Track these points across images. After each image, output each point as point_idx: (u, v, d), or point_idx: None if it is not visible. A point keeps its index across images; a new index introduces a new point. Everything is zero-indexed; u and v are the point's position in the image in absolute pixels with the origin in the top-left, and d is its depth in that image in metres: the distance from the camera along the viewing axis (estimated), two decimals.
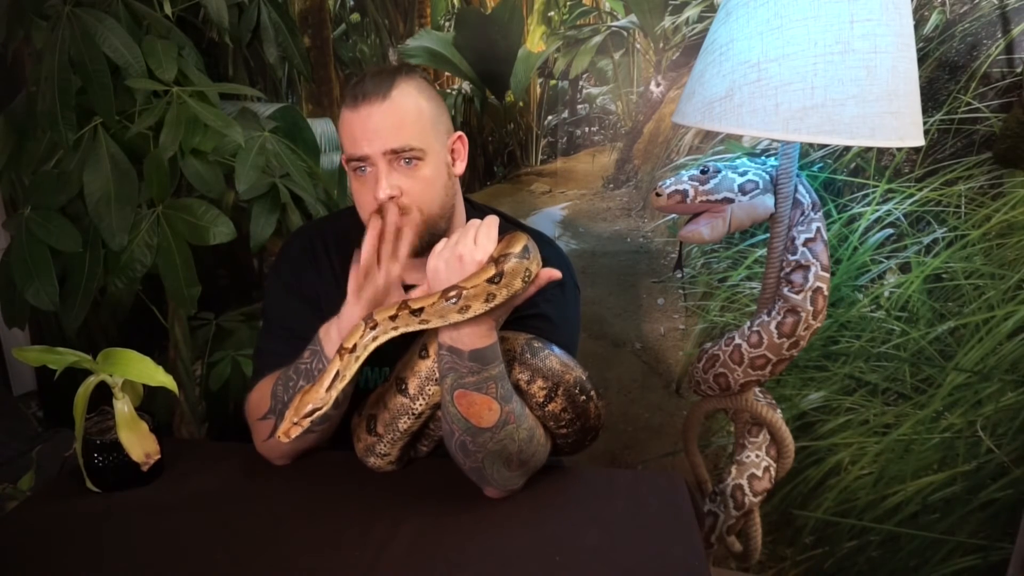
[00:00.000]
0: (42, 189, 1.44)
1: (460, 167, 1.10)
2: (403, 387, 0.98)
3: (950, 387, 1.56)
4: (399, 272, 0.97)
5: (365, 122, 1.00)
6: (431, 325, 0.88)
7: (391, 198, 1.01)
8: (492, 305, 0.86)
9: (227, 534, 0.94)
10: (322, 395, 0.85)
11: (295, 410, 0.85)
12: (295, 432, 0.84)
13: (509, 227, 1.18)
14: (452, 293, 0.85)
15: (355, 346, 0.88)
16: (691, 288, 1.69)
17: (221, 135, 1.40)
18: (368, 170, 1.02)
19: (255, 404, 1.07)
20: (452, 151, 1.08)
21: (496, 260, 0.86)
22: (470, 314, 0.86)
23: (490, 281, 0.85)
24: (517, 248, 0.87)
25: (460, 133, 1.09)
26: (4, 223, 1.57)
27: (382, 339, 0.89)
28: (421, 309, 0.87)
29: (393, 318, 0.88)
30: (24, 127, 1.50)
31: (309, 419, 0.85)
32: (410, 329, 0.89)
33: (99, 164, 1.39)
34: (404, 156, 1.01)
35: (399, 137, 1.00)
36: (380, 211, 1.02)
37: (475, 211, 1.18)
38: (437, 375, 0.94)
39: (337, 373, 0.86)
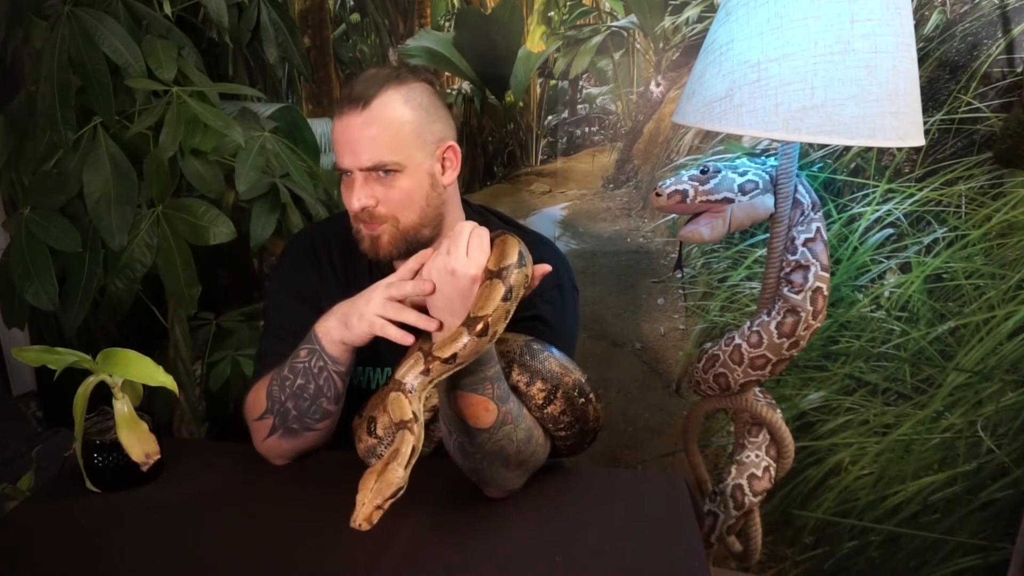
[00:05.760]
0: (42, 189, 1.44)
1: (449, 176, 1.09)
2: None
3: (950, 387, 1.56)
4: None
5: (344, 132, 1.01)
6: (466, 364, 0.85)
7: (364, 208, 1.02)
8: (508, 320, 0.85)
9: (227, 534, 0.94)
10: (401, 475, 0.77)
11: (376, 493, 0.76)
12: (378, 517, 0.76)
13: (503, 225, 1.18)
14: (480, 327, 0.82)
15: (414, 414, 0.81)
16: (691, 288, 1.69)
17: (221, 135, 1.40)
18: (350, 175, 1.04)
19: (250, 405, 1.07)
20: (443, 159, 1.07)
21: (499, 275, 0.84)
22: (496, 337, 0.85)
23: (504, 299, 0.84)
24: (514, 257, 0.85)
25: (452, 143, 1.08)
26: (4, 223, 1.57)
27: (424, 396, 0.84)
28: (454, 355, 0.82)
29: (426, 372, 0.83)
30: (24, 127, 1.50)
31: (393, 500, 0.77)
32: (445, 376, 0.85)
33: (99, 164, 1.39)
34: (380, 169, 1.01)
35: (373, 154, 1.01)
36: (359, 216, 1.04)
37: (473, 212, 1.18)
38: None
39: (413, 448, 0.80)
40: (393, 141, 1.01)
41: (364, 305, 0.95)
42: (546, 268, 0.91)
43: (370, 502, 0.75)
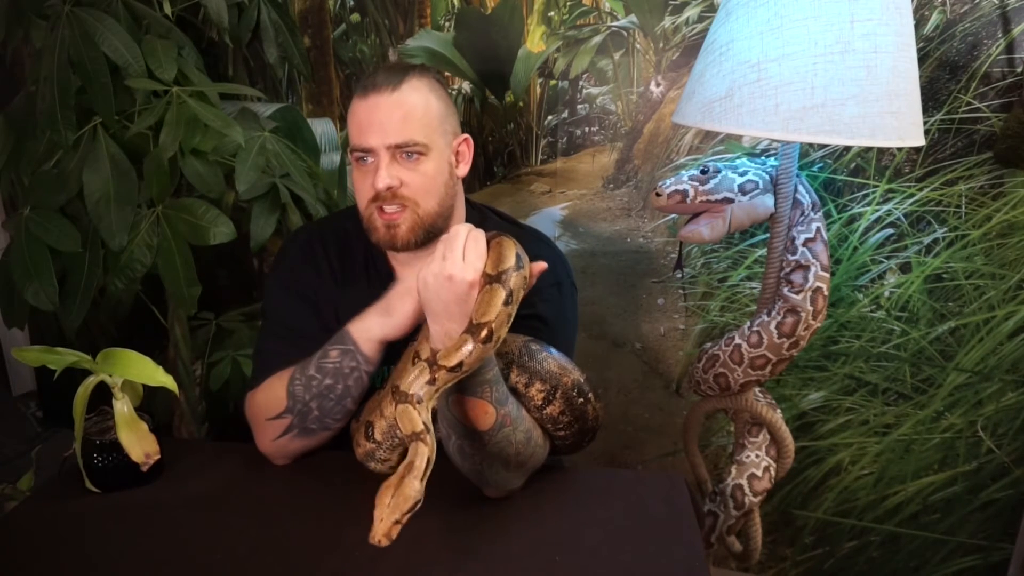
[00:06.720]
0: (42, 189, 1.44)
1: (463, 169, 1.10)
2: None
3: (950, 387, 1.56)
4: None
5: (372, 112, 1.01)
6: (471, 371, 0.84)
7: (388, 188, 1.01)
8: (511, 323, 0.85)
9: (227, 534, 0.94)
10: (418, 488, 0.77)
11: (393, 508, 0.75)
12: (396, 532, 0.75)
13: (502, 223, 1.18)
14: (484, 333, 0.82)
15: (425, 425, 0.81)
16: (691, 288, 1.69)
17: (221, 135, 1.40)
18: (370, 160, 1.03)
19: (261, 404, 1.06)
20: (457, 152, 1.08)
21: (499, 279, 0.84)
22: (500, 341, 0.85)
23: (505, 304, 0.83)
24: (511, 260, 0.85)
25: (466, 136, 1.10)
26: (4, 223, 1.57)
27: (431, 405, 0.84)
28: (460, 364, 0.82)
29: (432, 381, 0.82)
30: (24, 127, 1.50)
31: (411, 514, 0.76)
32: (451, 383, 0.85)
33: (99, 164, 1.39)
34: (407, 150, 1.01)
35: (403, 131, 1.00)
36: (376, 199, 1.02)
37: (474, 211, 1.18)
38: None
39: (428, 460, 0.79)
40: (422, 123, 1.02)
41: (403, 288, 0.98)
42: (542, 265, 0.90)
43: (388, 517, 0.75)
